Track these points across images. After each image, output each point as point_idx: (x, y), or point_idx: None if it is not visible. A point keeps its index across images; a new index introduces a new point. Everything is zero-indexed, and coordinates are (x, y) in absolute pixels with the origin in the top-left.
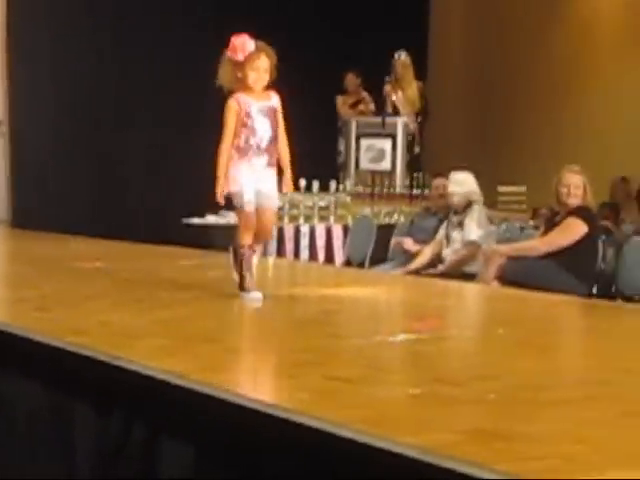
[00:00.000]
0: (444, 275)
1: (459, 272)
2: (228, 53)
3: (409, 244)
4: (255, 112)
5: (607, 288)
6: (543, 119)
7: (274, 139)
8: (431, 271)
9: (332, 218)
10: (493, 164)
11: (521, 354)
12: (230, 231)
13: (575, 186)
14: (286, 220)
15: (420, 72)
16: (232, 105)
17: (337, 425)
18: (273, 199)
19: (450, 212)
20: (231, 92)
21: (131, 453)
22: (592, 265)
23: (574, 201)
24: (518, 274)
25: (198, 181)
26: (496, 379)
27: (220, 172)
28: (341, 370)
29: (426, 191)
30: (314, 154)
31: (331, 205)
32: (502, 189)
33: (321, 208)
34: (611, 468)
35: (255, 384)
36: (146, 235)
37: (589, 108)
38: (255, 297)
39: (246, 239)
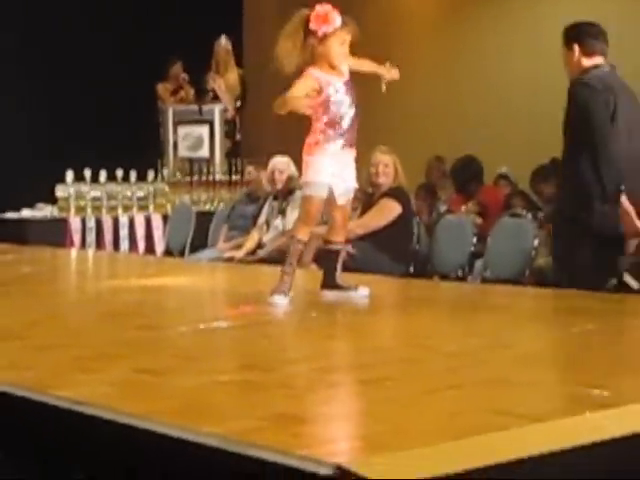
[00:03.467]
0: (264, 261)
1: (280, 257)
2: (312, 25)
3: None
4: (337, 92)
5: (423, 267)
6: (358, 100)
7: (354, 119)
8: (250, 258)
9: (151, 207)
10: None
11: (331, 336)
12: (46, 225)
13: (384, 165)
14: (104, 211)
15: (236, 58)
16: (310, 79)
17: (137, 417)
18: (351, 192)
19: (269, 198)
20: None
21: None
22: (407, 245)
23: (384, 180)
24: None
25: (13, 174)
26: (304, 362)
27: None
28: (149, 362)
29: (245, 177)
30: (133, 143)
31: (150, 195)
32: None
33: (139, 198)
34: (408, 446)
35: (58, 380)
36: None
37: (402, 91)
38: (281, 302)
39: (302, 231)
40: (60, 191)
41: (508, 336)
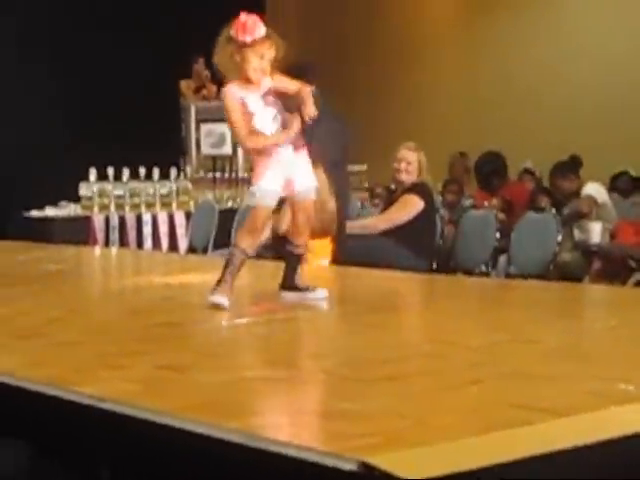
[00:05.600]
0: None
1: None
2: (232, 32)
3: None
4: (255, 106)
5: (446, 263)
6: (383, 97)
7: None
8: (271, 253)
9: (174, 205)
10: None
11: (355, 331)
12: (70, 223)
13: (408, 162)
14: (127, 209)
15: None
16: (230, 98)
17: (161, 414)
18: (308, 189)
19: None
20: (226, 78)
21: None
22: (430, 240)
23: (406, 177)
24: (357, 252)
25: (37, 172)
26: (327, 358)
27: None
28: (172, 358)
29: None
30: (156, 141)
31: (173, 192)
32: None
33: (163, 195)
34: (431, 441)
35: (82, 377)
36: None
37: (427, 86)
38: (222, 302)
39: (246, 242)
40: (84, 189)
41: (532, 331)
